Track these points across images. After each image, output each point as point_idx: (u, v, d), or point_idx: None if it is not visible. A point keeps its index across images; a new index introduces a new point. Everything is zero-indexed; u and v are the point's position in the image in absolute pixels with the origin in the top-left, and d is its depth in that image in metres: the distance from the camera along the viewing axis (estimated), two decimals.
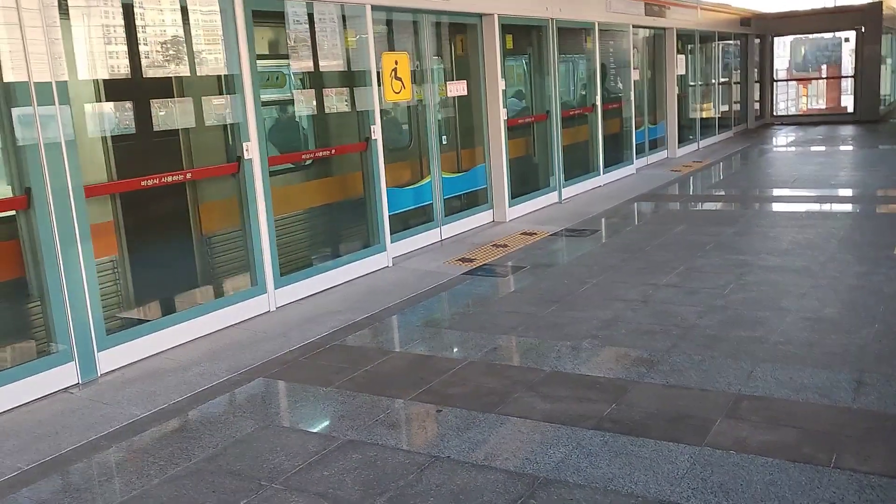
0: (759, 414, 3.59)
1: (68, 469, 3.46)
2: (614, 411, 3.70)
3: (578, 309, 5.31)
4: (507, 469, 3.22)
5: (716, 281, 5.78)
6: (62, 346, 4.36)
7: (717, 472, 3.09)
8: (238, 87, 5.37)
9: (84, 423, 3.90)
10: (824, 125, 18.77)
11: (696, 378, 4.04)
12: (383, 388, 4.14)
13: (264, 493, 3.14)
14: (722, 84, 16.73)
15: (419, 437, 3.65)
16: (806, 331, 4.64)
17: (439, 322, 5.29)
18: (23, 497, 3.22)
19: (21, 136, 4.17)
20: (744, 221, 7.99)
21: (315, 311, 5.58)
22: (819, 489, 2.93)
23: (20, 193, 4.22)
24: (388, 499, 3.04)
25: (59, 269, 4.31)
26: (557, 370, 4.26)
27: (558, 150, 9.68)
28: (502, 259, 6.90)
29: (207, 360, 4.69)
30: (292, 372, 4.47)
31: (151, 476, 3.33)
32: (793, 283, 5.63)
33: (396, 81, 7.00)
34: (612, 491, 3.01)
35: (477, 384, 4.13)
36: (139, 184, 4.96)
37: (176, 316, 5.06)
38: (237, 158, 5.40)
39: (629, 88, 11.89)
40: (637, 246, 7.09)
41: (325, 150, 6.49)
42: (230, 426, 3.79)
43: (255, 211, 5.51)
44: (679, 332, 4.74)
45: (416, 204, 7.56)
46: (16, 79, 4.13)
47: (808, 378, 3.95)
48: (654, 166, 12.83)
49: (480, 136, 8.48)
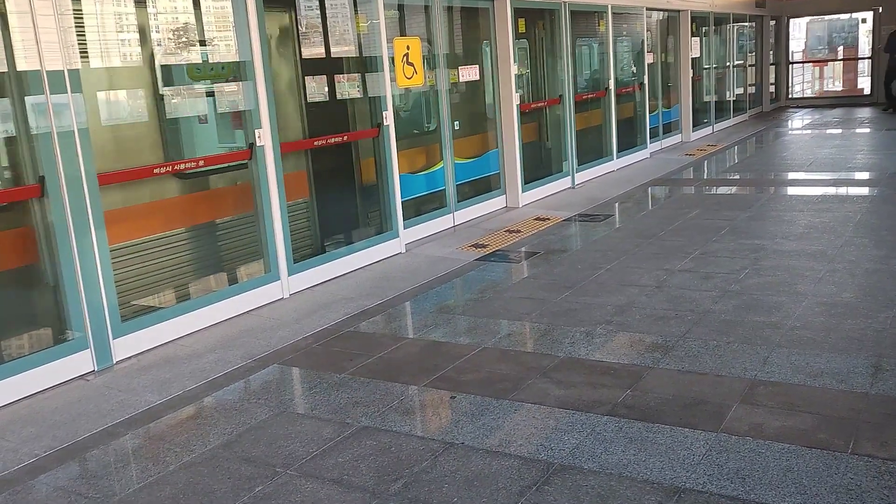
0: (776, 399, 3.57)
1: (85, 456, 3.48)
2: (629, 397, 3.69)
3: (592, 294, 5.29)
4: (522, 455, 3.22)
5: (731, 266, 5.74)
6: (77, 334, 4.38)
7: (733, 459, 3.07)
8: (249, 74, 5.36)
9: (100, 410, 3.93)
10: (840, 107, 18.56)
11: (712, 364, 4.01)
12: (397, 375, 4.15)
13: (279, 479, 3.15)
14: (737, 66, 16.57)
15: (433, 424, 3.65)
16: (822, 315, 4.60)
17: (453, 308, 5.28)
18: (40, 484, 3.25)
19: (34, 125, 4.18)
20: (759, 205, 7.93)
21: (328, 298, 5.58)
22: (836, 475, 2.91)
23: (34, 182, 4.24)
24: (403, 485, 3.04)
25: (74, 257, 4.33)
26: (571, 356, 4.24)
27: (571, 134, 9.63)
28: (515, 245, 6.88)
29: (221, 347, 4.70)
30: (306, 358, 4.48)
31: (168, 462, 3.35)
32: (809, 267, 5.58)
33: (408, 67, 6.96)
34: (626, 477, 3.00)
35: (490, 370, 4.12)
36: (152, 171, 4.97)
37: (190, 303, 5.08)
38: (250, 145, 5.40)
39: (643, 72, 11.79)
40: (651, 231, 7.05)
41: (336, 137, 6.46)
42: (245, 413, 3.80)
43: (267, 197, 5.51)
44: (694, 317, 4.71)
45: (428, 190, 7.54)
46: (28, 67, 4.14)
47: (824, 363, 3.92)
48: (667, 150, 12.74)
49: (493, 122, 8.45)
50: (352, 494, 3.00)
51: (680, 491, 2.88)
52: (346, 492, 3.02)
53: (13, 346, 4.38)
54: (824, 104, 19.63)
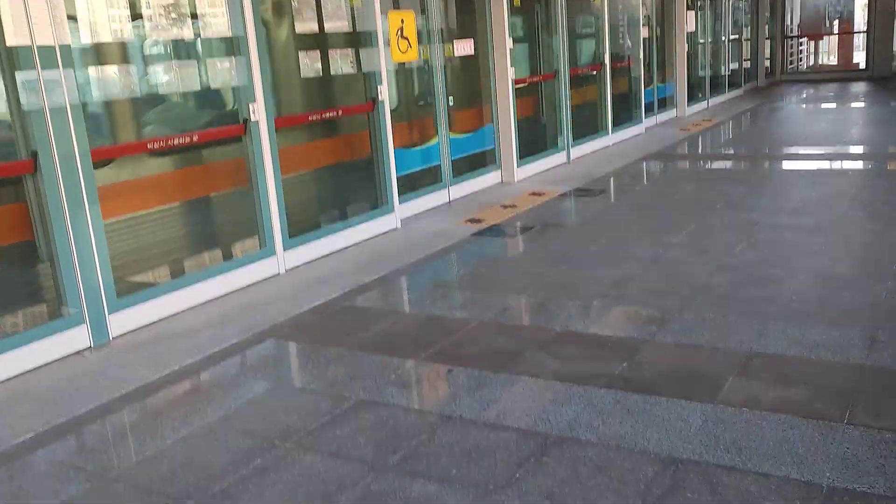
0: (772, 371, 3.58)
1: (83, 431, 3.48)
2: (626, 370, 3.70)
3: (588, 268, 5.29)
4: (519, 427, 3.23)
5: (726, 240, 5.74)
6: (73, 310, 4.37)
7: (730, 429, 3.09)
8: (243, 49, 5.31)
9: (97, 386, 3.92)
10: (836, 82, 18.53)
11: (708, 336, 4.02)
12: (394, 349, 4.15)
13: (277, 452, 3.16)
14: (732, 41, 16.49)
15: (431, 397, 3.66)
16: (818, 288, 4.61)
17: (449, 283, 5.28)
18: (39, 459, 3.25)
19: (26, 101, 4.14)
20: (754, 180, 7.93)
21: (324, 273, 5.58)
22: (832, 445, 2.93)
23: (27, 157, 4.20)
24: (401, 458, 3.05)
25: (68, 233, 4.31)
26: (568, 330, 4.25)
27: (566, 109, 9.58)
28: (511, 219, 6.87)
29: (218, 323, 4.70)
30: (303, 333, 4.48)
31: (165, 437, 3.36)
32: (804, 241, 5.59)
33: (403, 41, 6.90)
34: (624, 448, 3.01)
35: (488, 344, 4.13)
36: (145, 146, 4.94)
37: (185, 279, 5.06)
38: (244, 120, 5.36)
39: (638, 46, 11.73)
40: (646, 205, 7.05)
41: (331, 111, 6.43)
42: (242, 387, 3.80)
43: (262, 173, 5.48)
44: (690, 291, 4.72)
45: (423, 165, 7.51)
46: (18, 42, 4.09)
47: (820, 335, 3.93)
48: (663, 125, 12.71)
49: (487, 96, 8.40)
50: (350, 467, 3.01)
51: (677, 461, 2.89)
52: (345, 464, 3.03)
53: (8, 322, 4.37)
54: (820, 79, 19.59)
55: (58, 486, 3.02)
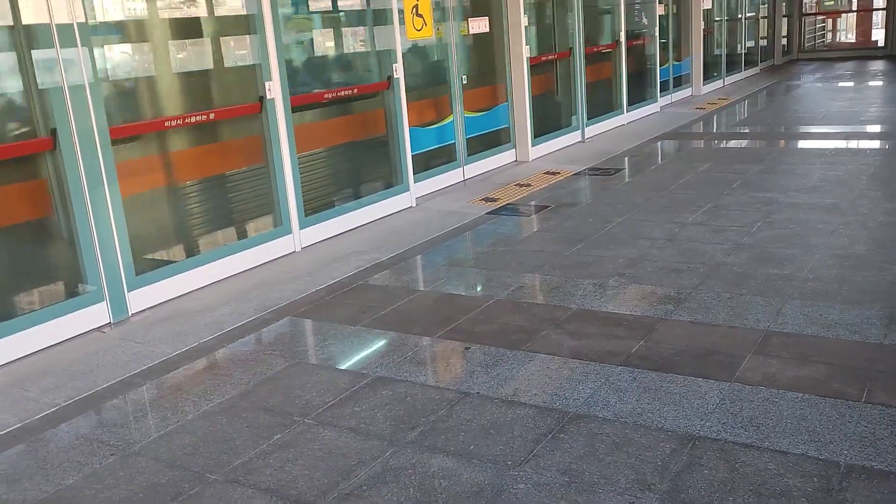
0: (789, 350, 3.58)
1: (105, 405, 3.53)
2: (642, 348, 3.71)
3: (604, 247, 5.29)
4: (537, 404, 3.25)
5: (743, 219, 5.72)
6: (93, 287, 4.41)
7: (747, 407, 3.10)
8: (259, 26, 5.30)
9: (117, 362, 3.97)
10: (854, 60, 18.30)
11: (724, 315, 4.02)
12: (411, 327, 4.17)
13: (297, 427, 3.19)
14: (748, 19, 16.30)
15: (448, 374, 3.68)
16: (836, 268, 4.59)
17: (464, 261, 5.29)
18: (62, 432, 3.30)
19: (44, 79, 4.15)
20: (771, 159, 7.87)
21: (340, 252, 5.60)
22: (850, 423, 2.93)
23: (46, 135, 4.23)
24: (420, 433, 3.08)
25: (87, 210, 4.34)
26: (584, 308, 4.26)
27: (581, 88, 9.53)
28: (526, 198, 6.86)
29: (235, 300, 4.73)
30: (320, 311, 4.50)
31: (186, 412, 3.40)
32: (822, 220, 5.56)
33: (418, 18, 6.87)
34: (641, 425, 3.03)
35: (504, 322, 4.14)
36: (163, 124, 4.95)
37: (203, 257, 5.09)
38: (259, 98, 5.37)
39: (654, 24, 11.62)
40: (662, 185, 7.02)
41: (346, 90, 6.41)
42: (261, 364, 3.84)
43: (278, 151, 5.49)
44: (706, 269, 4.71)
45: (438, 143, 7.50)
46: (37, 21, 4.10)
47: (838, 314, 3.92)
48: (678, 104, 12.61)
49: (502, 75, 8.36)
50: (369, 442, 3.04)
51: (694, 438, 2.90)
52: (364, 440, 3.06)
53: (31, 299, 4.41)
54: (837, 57, 19.36)
55: (81, 460, 3.06)
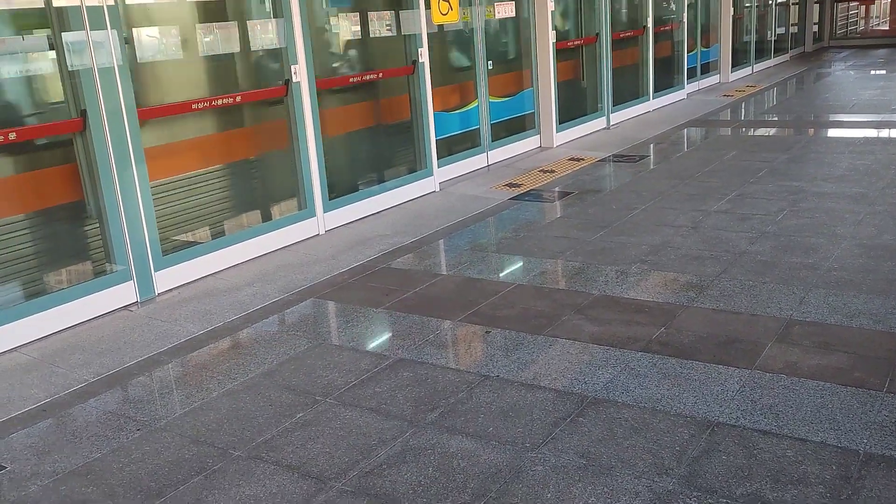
0: (811, 339, 3.57)
1: (131, 382, 3.60)
2: (663, 334, 3.71)
3: (627, 234, 5.28)
4: (556, 388, 3.27)
5: (768, 207, 5.67)
6: (121, 267, 4.48)
7: (767, 395, 3.10)
8: (286, 10, 5.33)
9: (144, 340, 4.04)
10: (887, 48, 17.99)
11: (747, 303, 4.01)
12: (432, 310, 4.20)
13: (319, 407, 3.24)
14: (779, 5, 16.07)
15: (468, 357, 3.71)
16: (861, 257, 4.56)
17: (487, 246, 5.30)
18: (90, 407, 3.38)
19: (75, 60, 4.21)
20: (798, 147, 7.78)
21: (363, 235, 5.64)
22: (871, 412, 2.92)
23: (76, 116, 4.29)
24: (440, 414, 3.12)
25: (116, 191, 4.41)
26: (605, 294, 4.26)
27: (608, 74, 9.47)
28: (549, 185, 6.85)
29: (259, 281, 4.79)
30: (342, 293, 4.55)
31: (211, 389, 3.46)
32: (848, 209, 5.50)
33: (443, 3, 6.86)
34: (660, 411, 3.04)
35: (525, 307, 4.16)
36: (190, 107, 5.00)
37: (228, 238, 5.15)
38: (285, 81, 5.40)
39: (682, 9, 11.50)
40: (687, 172, 6.97)
41: (371, 74, 6.44)
42: (284, 344, 3.89)
43: (303, 134, 5.53)
44: (729, 257, 4.69)
45: (462, 128, 7.50)
46: (68, 3, 4.15)
47: (862, 304, 3.90)
48: (705, 91, 12.49)
49: (528, 60, 8.33)
50: (390, 422, 3.08)
51: (713, 425, 2.91)
52: (385, 420, 3.10)
53: (60, 278, 4.50)
54: (869, 44, 19.03)
55: (109, 434, 3.13)
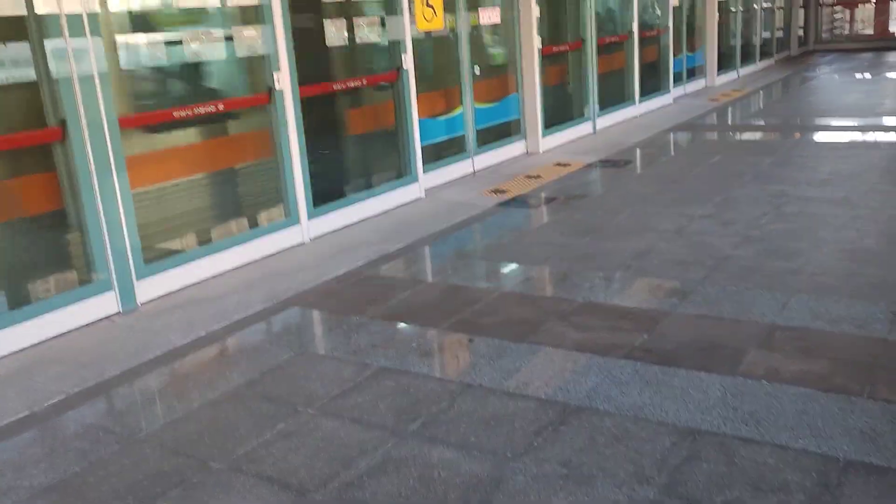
0: (793, 344, 3.57)
1: (111, 393, 3.57)
2: (646, 341, 3.71)
3: (612, 240, 5.28)
4: (539, 397, 3.26)
5: (752, 212, 5.69)
6: (102, 276, 4.45)
7: (749, 401, 3.10)
8: (267, 17, 5.31)
9: (125, 350, 4.01)
10: (871, 52, 18.12)
11: (730, 309, 4.01)
12: (416, 318, 4.19)
13: (300, 417, 3.22)
14: (765, 9, 16.16)
15: (451, 366, 3.70)
16: (844, 262, 4.57)
17: (472, 253, 5.30)
18: (69, 420, 3.34)
19: (55, 69, 4.19)
20: (783, 151, 7.82)
21: (348, 242, 5.62)
22: (851, 418, 2.92)
23: (56, 125, 4.26)
24: (421, 424, 3.10)
25: (97, 200, 4.37)
26: (590, 300, 4.26)
27: (593, 79, 9.49)
28: (535, 190, 6.86)
29: (243, 290, 4.76)
30: (326, 301, 4.53)
31: (192, 400, 3.43)
32: (832, 213, 5.53)
33: (428, 9, 6.86)
34: (642, 419, 3.03)
35: (509, 314, 4.15)
36: (171, 115, 4.97)
37: (211, 246, 5.13)
38: (268, 89, 5.38)
39: (668, 14, 11.54)
40: (672, 177, 6.99)
41: (355, 81, 6.42)
42: (266, 354, 3.87)
43: (286, 142, 5.51)
44: (713, 262, 4.70)
45: (448, 135, 7.50)
46: (47, 11, 4.13)
47: (843, 309, 3.91)
48: (691, 96, 12.55)
49: (513, 65, 8.34)
50: (371, 433, 3.06)
51: (695, 433, 2.91)
52: (366, 430, 3.08)
53: (39, 287, 4.46)
54: (854, 48, 19.16)
55: (87, 447, 3.10)
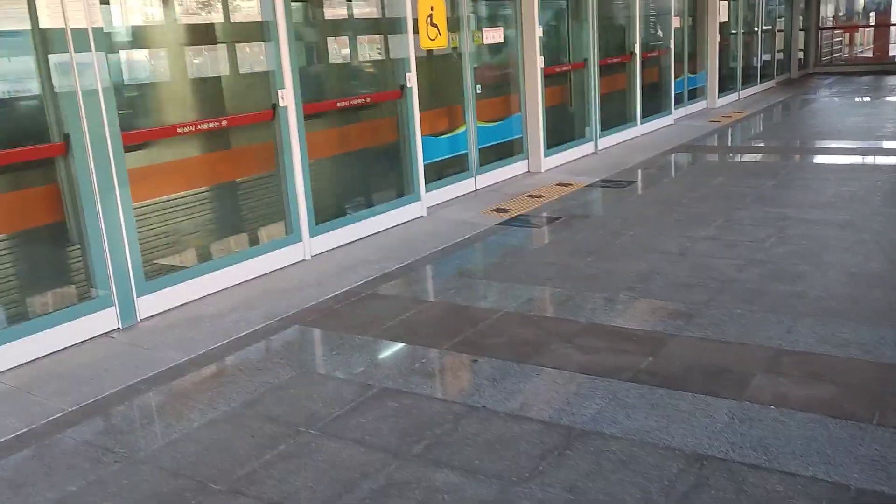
0: (800, 369, 3.54)
1: (111, 411, 3.53)
2: (651, 364, 3.67)
3: (615, 261, 5.26)
4: (543, 419, 3.22)
5: (755, 234, 5.67)
6: (102, 292, 4.42)
7: (757, 427, 3.06)
8: (272, 34, 5.31)
9: (125, 367, 3.97)
10: (871, 75, 18.20)
11: (735, 332, 3.98)
12: (419, 338, 4.15)
13: (302, 438, 3.17)
14: (765, 32, 16.24)
15: (455, 387, 3.66)
16: (849, 286, 4.55)
17: (474, 272, 5.27)
18: (67, 437, 3.30)
19: (58, 83, 4.17)
20: (785, 174, 7.81)
21: (350, 260, 5.59)
22: (861, 446, 2.89)
23: (59, 140, 4.24)
24: (425, 447, 3.06)
25: (98, 215, 4.35)
26: (593, 322, 4.23)
27: (595, 99, 9.50)
28: (537, 210, 6.84)
29: (244, 308, 4.73)
30: (328, 320, 4.49)
31: (192, 420, 3.39)
32: (836, 237, 5.51)
33: (432, 28, 6.87)
34: (649, 444, 2.99)
35: (512, 335, 4.12)
36: (175, 130, 4.96)
37: (212, 263, 5.09)
38: (272, 106, 5.38)
39: (669, 36, 11.59)
40: (674, 198, 6.98)
41: (359, 98, 6.42)
42: (267, 372, 3.83)
43: (290, 159, 5.49)
44: (717, 285, 4.67)
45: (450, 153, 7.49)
46: (52, 25, 4.12)
47: (850, 334, 3.88)
48: (692, 117, 12.57)
49: (515, 85, 8.35)
50: (374, 455, 3.02)
51: (702, 458, 2.87)
52: (369, 452, 3.04)
53: (39, 303, 4.42)
54: (854, 71, 19.25)
55: (86, 466, 3.06)
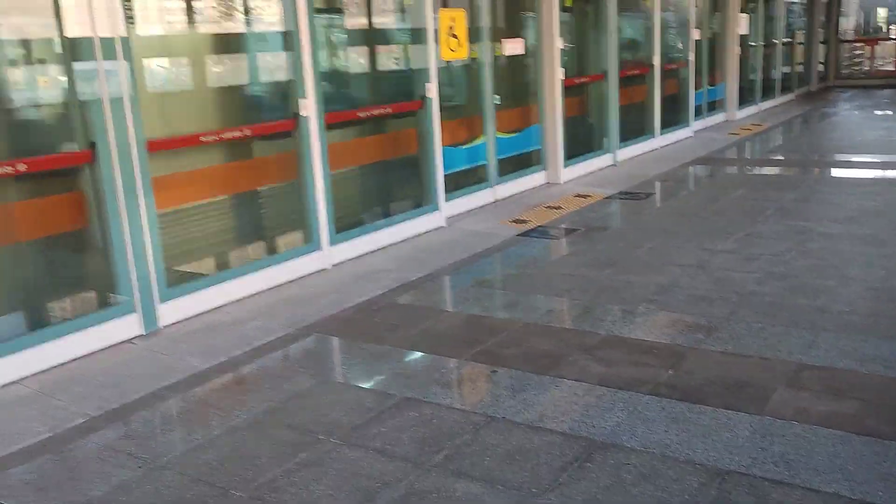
0: (822, 384, 3.52)
1: (133, 417, 3.56)
2: (671, 377, 3.66)
3: (634, 273, 5.25)
4: (563, 431, 3.22)
5: (776, 247, 5.64)
6: (125, 298, 4.46)
7: (778, 442, 3.04)
8: (294, 44, 5.36)
9: (147, 374, 4.00)
10: (891, 89, 18.07)
11: (756, 346, 3.96)
12: (438, 348, 4.16)
13: (322, 447, 3.19)
14: (785, 44, 16.19)
15: (474, 397, 3.67)
16: (872, 300, 4.51)
17: (493, 283, 5.27)
18: (90, 443, 3.33)
19: (85, 92, 4.23)
20: (805, 187, 7.77)
21: (370, 270, 5.61)
22: (885, 463, 2.86)
23: (85, 148, 4.30)
24: (445, 457, 3.06)
25: (122, 223, 4.40)
26: (613, 334, 4.22)
27: (614, 111, 9.50)
28: (556, 221, 6.84)
29: (264, 316, 4.76)
30: (348, 329, 4.51)
31: (213, 427, 3.41)
32: (858, 251, 5.47)
33: (453, 39, 6.91)
34: (669, 457, 2.98)
35: (531, 346, 4.12)
36: (198, 139, 5.01)
37: (233, 271, 5.13)
38: (294, 115, 5.42)
39: (689, 48, 11.58)
40: (693, 210, 6.96)
41: (380, 109, 6.46)
42: (288, 381, 3.85)
43: (311, 169, 5.53)
44: (737, 298, 4.65)
45: (470, 164, 7.51)
46: (81, 34, 4.18)
47: (872, 349, 3.85)
48: (712, 129, 12.53)
49: (535, 96, 8.36)
50: (394, 464, 3.03)
51: (723, 473, 2.86)
52: (389, 461, 3.05)
53: (63, 308, 4.47)
54: (874, 84, 19.12)
55: (109, 471, 3.09)
